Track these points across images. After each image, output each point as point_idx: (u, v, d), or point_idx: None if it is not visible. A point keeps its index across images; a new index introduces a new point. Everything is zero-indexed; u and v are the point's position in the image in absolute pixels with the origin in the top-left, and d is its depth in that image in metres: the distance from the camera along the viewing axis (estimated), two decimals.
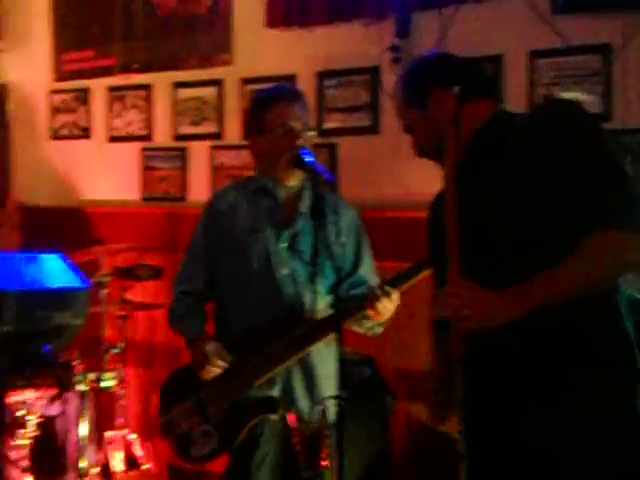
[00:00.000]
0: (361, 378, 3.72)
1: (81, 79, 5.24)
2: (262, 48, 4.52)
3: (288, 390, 2.91)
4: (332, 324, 2.79)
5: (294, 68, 4.40)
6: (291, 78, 4.40)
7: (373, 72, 4.15)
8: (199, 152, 4.79)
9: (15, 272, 2.08)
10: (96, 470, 4.13)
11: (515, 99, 3.65)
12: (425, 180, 3.87)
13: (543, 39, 3.67)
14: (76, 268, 2.32)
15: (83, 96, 5.26)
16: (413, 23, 3.99)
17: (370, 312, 2.77)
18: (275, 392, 2.89)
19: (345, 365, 3.12)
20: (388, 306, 2.77)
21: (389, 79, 4.04)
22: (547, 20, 3.62)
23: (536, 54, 3.71)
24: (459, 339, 2.01)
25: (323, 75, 4.32)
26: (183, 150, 4.85)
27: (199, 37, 4.73)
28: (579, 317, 1.98)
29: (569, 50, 3.62)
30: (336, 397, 2.44)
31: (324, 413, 2.56)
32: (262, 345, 2.85)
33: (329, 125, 4.33)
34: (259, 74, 4.51)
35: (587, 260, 1.93)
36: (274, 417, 2.85)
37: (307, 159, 2.63)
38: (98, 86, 5.18)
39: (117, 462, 4.21)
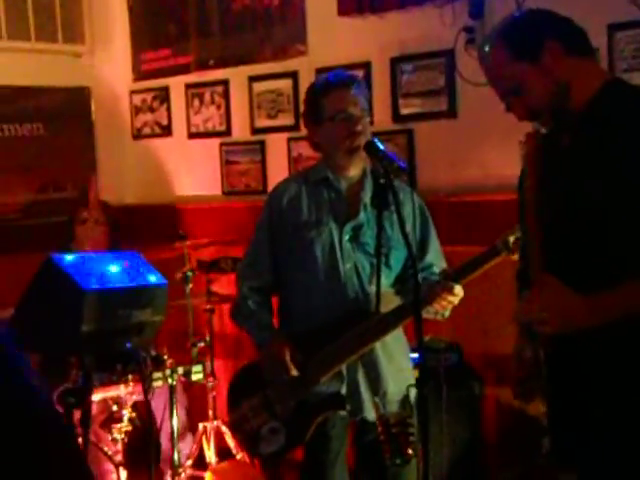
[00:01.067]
0: (447, 365, 3.69)
1: (159, 78, 5.32)
2: (335, 37, 4.51)
3: (352, 386, 2.88)
4: (397, 317, 2.79)
5: (368, 55, 4.38)
6: (365, 65, 4.38)
7: (448, 55, 4.10)
8: (277, 144, 4.82)
9: (95, 271, 2.13)
10: (190, 462, 4.22)
11: None
12: (503, 162, 3.84)
13: (622, 12, 3.57)
14: (153, 266, 2.37)
15: (162, 95, 5.35)
16: (487, 3, 3.92)
17: (435, 306, 2.75)
18: (341, 388, 2.87)
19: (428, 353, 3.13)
20: (452, 300, 2.74)
21: (464, 61, 3.99)
22: None
23: (615, 27, 3.61)
24: (544, 338, 1.99)
25: (397, 60, 4.29)
26: (261, 143, 4.89)
27: (273, 29, 4.75)
28: None
29: None
30: (418, 385, 2.41)
31: (407, 402, 2.54)
32: (327, 340, 2.82)
33: (405, 111, 4.29)
34: (333, 63, 4.50)
35: None
36: (342, 413, 2.84)
37: (379, 146, 2.60)
38: (176, 84, 5.25)
39: (210, 453, 4.28)
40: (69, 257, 2.13)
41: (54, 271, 2.09)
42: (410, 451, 2.47)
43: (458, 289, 2.72)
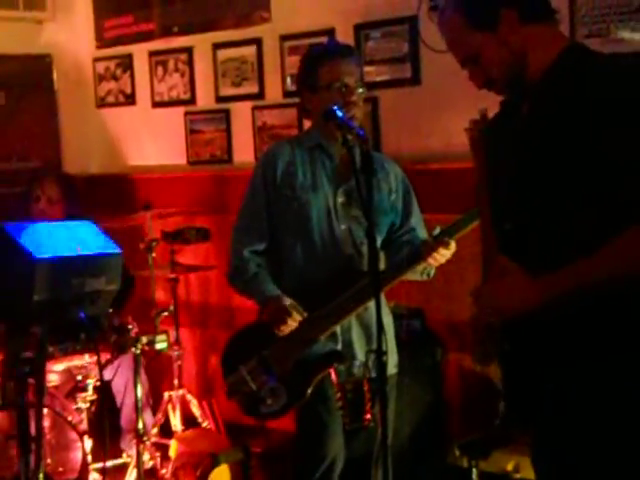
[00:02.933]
0: (410, 331, 3.72)
1: (122, 45, 5.26)
2: (299, 3, 4.48)
3: (347, 343, 2.96)
4: (387, 277, 2.88)
5: (332, 22, 4.35)
6: (329, 32, 4.36)
7: (411, 22, 4.08)
8: (241, 113, 4.79)
9: (47, 240, 2.12)
10: (155, 430, 4.23)
11: None
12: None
13: None
14: (113, 234, 2.35)
15: (126, 62, 5.29)
16: None
17: (429, 261, 2.86)
18: (337, 345, 2.95)
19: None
20: (445, 254, 2.86)
21: (428, 28, 3.97)
22: None
23: None
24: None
25: (361, 27, 4.27)
26: (226, 112, 4.85)
27: None
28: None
29: None
30: (378, 350, 2.43)
31: (366, 366, 2.56)
32: (322, 299, 2.90)
33: (369, 78, 4.26)
34: (297, 30, 4.48)
35: (616, 256, 1.88)
36: (342, 367, 2.90)
37: (338, 114, 2.61)
38: (139, 51, 5.19)
39: (176, 421, 4.30)
40: (21, 226, 2.11)
41: (5, 240, 2.08)
42: (368, 416, 2.49)
43: (453, 244, 2.85)
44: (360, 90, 2.96)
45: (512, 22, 2.00)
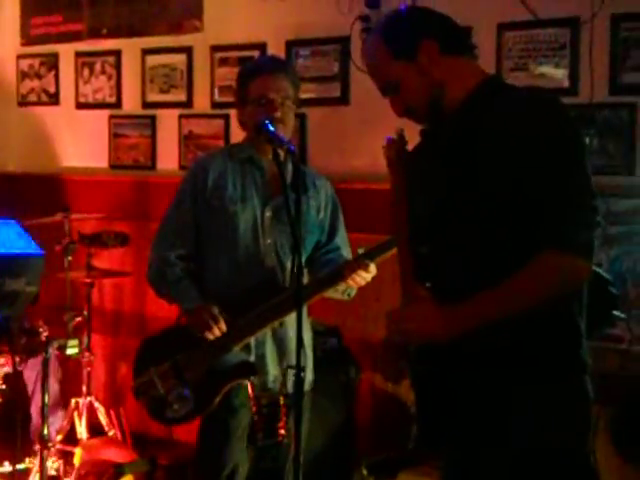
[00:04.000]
0: (326, 348, 3.73)
1: (49, 44, 5.17)
2: (232, 15, 4.48)
3: (260, 357, 2.96)
4: (308, 293, 2.87)
5: (264, 36, 4.37)
6: (261, 46, 4.37)
7: (343, 42, 4.13)
8: (168, 120, 4.75)
9: None
10: (60, 437, 4.14)
11: None
12: None
13: (512, 11, 3.67)
14: (31, 235, 2.30)
15: (51, 61, 5.20)
16: None
17: (349, 282, 2.88)
18: (250, 357, 2.94)
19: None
20: (365, 277, 2.88)
21: (359, 50, 4.02)
22: None
23: (505, 27, 3.71)
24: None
25: (293, 44, 4.29)
26: (152, 118, 4.81)
27: (169, 2, 4.68)
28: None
29: (538, 23, 3.61)
30: (296, 367, 2.44)
31: (284, 382, 2.56)
32: (241, 310, 2.90)
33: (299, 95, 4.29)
34: (229, 42, 4.48)
35: (527, 284, 1.93)
36: (254, 379, 2.89)
37: (270, 128, 2.62)
38: (66, 51, 5.11)
39: (82, 429, 4.21)
40: None
41: None
42: (282, 431, 2.48)
43: (373, 267, 2.87)
44: (287, 106, 2.96)
45: (432, 53, 2.05)
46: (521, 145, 1.92)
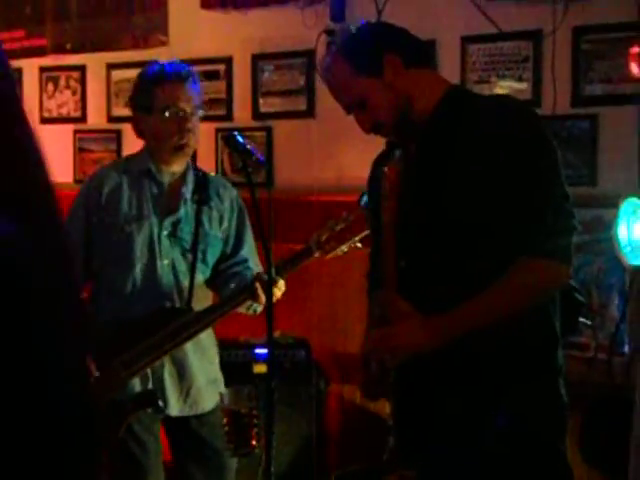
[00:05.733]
0: (294, 361, 3.73)
1: (12, 59, 5.11)
2: (198, 29, 4.48)
3: (157, 383, 2.83)
4: (211, 315, 2.78)
5: (230, 50, 4.38)
6: (227, 60, 4.38)
7: (309, 55, 4.15)
8: (134, 135, 4.70)
9: None
10: None
11: None
12: (358, 164, 3.90)
13: (475, 25, 3.71)
14: None
15: (15, 76, 5.15)
16: (348, 7, 4.00)
17: (260, 299, 2.71)
18: (148, 383, 2.82)
19: (275, 349, 3.15)
20: (276, 292, 2.70)
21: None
22: (479, 6, 3.66)
23: (468, 40, 3.75)
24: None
25: (258, 58, 4.31)
26: (117, 132, 4.79)
27: (134, 17, 4.67)
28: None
29: (501, 36, 3.66)
30: (267, 380, 2.44)
31: (253, 394, 2.56)
32: (138, 337, 2.75)
33: (265, 109, 4.32)
34: (195, 56, 4.47)
35: (509, 290, 1.95)
36: (150, 411, 2.80)
37: (239, 139, 2.60)
38: (30, 66, 5.08)
39: None
40: None
41: None
42: (254, 442, 2.48)
43: (281, 283, 2.72)
44: (197, 117, 2.85)
45: (396, 66, 2.05)
46: (495, 150, 1.94)
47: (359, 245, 2.74)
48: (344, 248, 2.76)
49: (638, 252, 3.05)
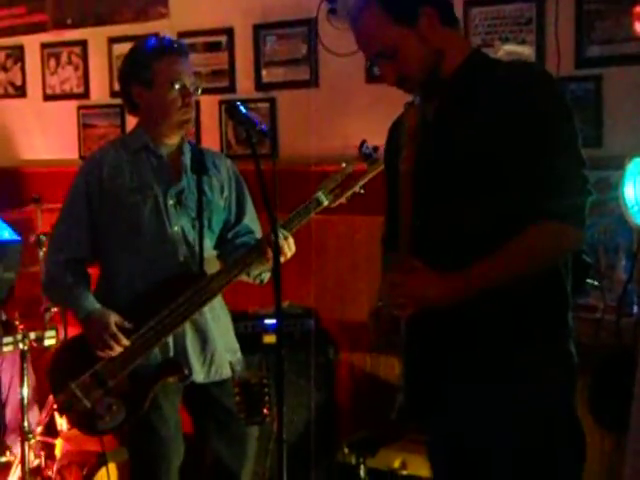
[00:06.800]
0: (304, 330, 3.74)
1: (13, 36, 5.11)
2: (198, 1, 4.46)
3: (180, 351, 2.87)
4: (225, 277, 2.82)
5: (231, 21, 4.36)
6: (228, 31, 4.36)
7: (310, 24, 4.12)
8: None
9: None
10: (40, 429, 4.12)
11: None
12: (363, 133, 3.89)
13: None
14: (9, 224, 2.28)
15: (17, 53, 5.14)
16: None
17: (267, 257, 2.76)
18: (169, 353, 2.85)
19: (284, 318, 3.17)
20: (285, 251, 2.77)
21: (326, 31, 4.03)
22: None
23: (471, 3, 3.72)
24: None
25: (260, 28, 4.28)
26: (120, 107, 4.77)
27: None
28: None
29: None
30: (276, 348, 2.45)
31: (264, 364, 2.57)
32: (156, 306, 2.78)
33: (268, 79, 4.30)
34: (196, 27, 4.46)
35: (524, 251, 1.96)
36: (171, 380, 2.83)
37: (242, 110, 2.59)
38: (31, 43, 5.06)
39: (62, 420, 4.20)
40: None
41: None
42: (266, 411, 2.50)
43: (291, 241, 2.80)
44: (198, 92, 2.89)
45: (432, 20, 2.01)
46: (519, 110, 1.94)
47: (362, 191, 2.91)
48: (348, 194, 2.89)
49: None
